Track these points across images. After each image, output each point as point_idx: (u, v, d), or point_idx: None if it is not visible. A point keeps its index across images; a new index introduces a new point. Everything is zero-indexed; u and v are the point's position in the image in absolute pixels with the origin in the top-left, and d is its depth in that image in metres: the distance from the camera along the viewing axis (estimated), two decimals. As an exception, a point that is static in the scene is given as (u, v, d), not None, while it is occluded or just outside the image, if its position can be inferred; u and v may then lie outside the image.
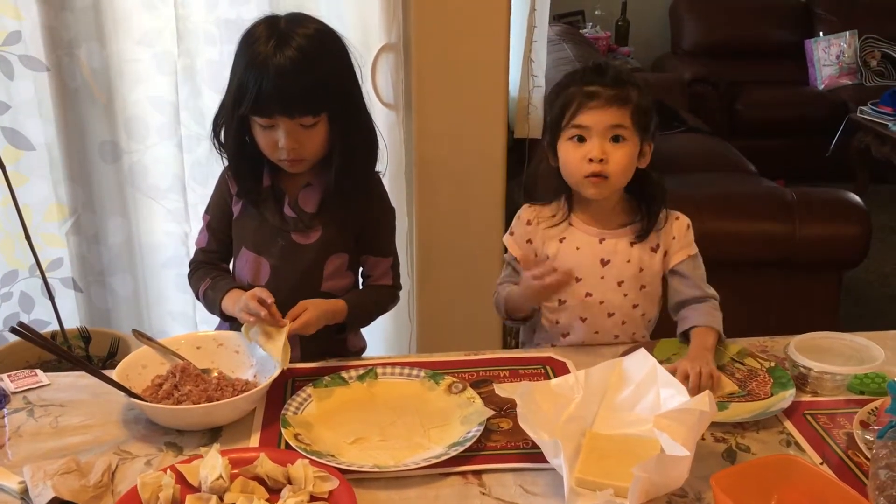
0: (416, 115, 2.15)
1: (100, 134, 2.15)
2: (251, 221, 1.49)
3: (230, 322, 1.47)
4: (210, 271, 1.51)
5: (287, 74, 1.31)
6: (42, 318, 2.26)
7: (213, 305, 1.47)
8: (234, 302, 1.40)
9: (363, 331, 1.64)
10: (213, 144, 1.45)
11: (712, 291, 1.45)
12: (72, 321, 2.19)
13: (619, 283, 1.44)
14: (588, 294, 1.45)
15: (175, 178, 2.20)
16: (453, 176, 2.21)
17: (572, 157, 1.38)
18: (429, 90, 2.13)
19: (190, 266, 1.56)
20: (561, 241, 1.46)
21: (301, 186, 1.47)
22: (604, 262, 1.44)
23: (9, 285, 2.23)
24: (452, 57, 2.11)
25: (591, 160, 1.36)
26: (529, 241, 1.48)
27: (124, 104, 2.13)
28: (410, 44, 2.10)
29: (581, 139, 1.37)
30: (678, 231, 1.46)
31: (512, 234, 1.51)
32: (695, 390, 1.22)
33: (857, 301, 3.37)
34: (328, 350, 1.46)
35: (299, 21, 1.37)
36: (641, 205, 1.45)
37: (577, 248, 1.45)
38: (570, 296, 1.46)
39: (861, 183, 4.41)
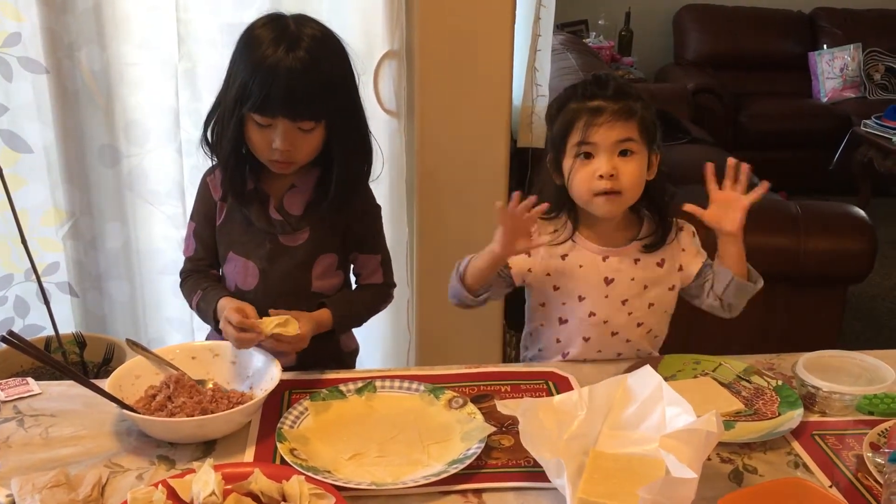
0: (418, 123, 2.13)
1: (99, 138, 2.12)
2: (237, 225, 1.47)
3: None
4: (200, 281, 1.49)
5: (297, 76, 1.30)
6: (37, 323, 2.23)
7: (206, 317, 1.45)
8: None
9: (358, 333, 1.62)
10: (202, 145, 1.43)
11: None
12: (67, 326, 2.16)
13: (624, 302, 1.42)
14: (591, 314, 1.42)
15: (174, 184, 2.17)
16: (455, 185, 2.18)
17: (580, 176, 1.34)
18: (431, 98, 2.11)
19: (181, 276, 1.54)
20: (563, 258, 1.43)
21: (285, 189, 1.45)
22: (607, 281, 1.41)
23: (4, 289, 2.21)
24: (455, 65, 2.09)
25: (600, 177, 1.32)
26: (528, 254, 1.44)
27: (124, 108, 2.10)
28: (413, 51, 2.08)
29: (588, 156, 1.34)
30: (686, 242, 1.44)
31: None
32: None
33: (859, 316, 3.34)
34: (322, 351, 1.44)
35: (305, 22, 1.36)
36: (654, 217, 1.42)
37: (580, 266, 1.42)
38: (572, 315, 1.43)
39: (863, 196, 4.40)
